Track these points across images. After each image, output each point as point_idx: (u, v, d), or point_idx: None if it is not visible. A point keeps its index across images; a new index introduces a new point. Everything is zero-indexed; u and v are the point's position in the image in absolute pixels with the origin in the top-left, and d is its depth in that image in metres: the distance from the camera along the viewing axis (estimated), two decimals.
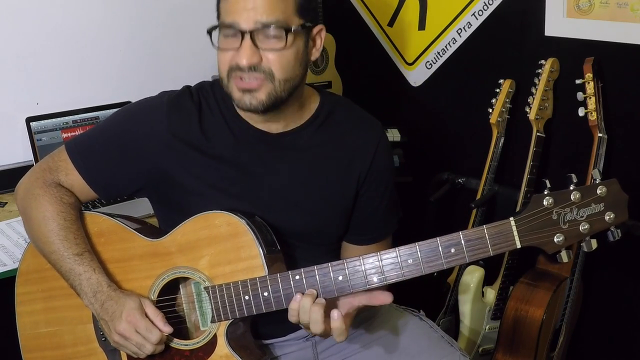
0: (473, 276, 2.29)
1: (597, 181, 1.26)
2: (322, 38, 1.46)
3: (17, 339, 1.57)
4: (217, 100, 1.49)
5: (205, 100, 1.49)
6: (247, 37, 1.33)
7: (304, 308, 1.32)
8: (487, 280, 2.32)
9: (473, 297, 2.29)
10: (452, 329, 2.43)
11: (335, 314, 1.31)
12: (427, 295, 2.42)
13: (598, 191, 1.25)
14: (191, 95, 1.50)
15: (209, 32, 1.39)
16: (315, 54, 1.46)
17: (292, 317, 1.35)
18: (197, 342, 1.43)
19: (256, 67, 1.35)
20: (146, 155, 1.47)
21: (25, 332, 1.55)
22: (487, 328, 2.32)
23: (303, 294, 1.33)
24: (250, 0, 1.32)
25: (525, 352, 2.13)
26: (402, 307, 1.67)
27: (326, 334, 1.35)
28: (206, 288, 1.41)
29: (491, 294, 2.31)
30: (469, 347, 2.33)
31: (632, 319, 2.20)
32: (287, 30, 1.34)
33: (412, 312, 1.66)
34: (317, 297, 1.33)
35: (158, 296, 1.45)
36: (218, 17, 1.40)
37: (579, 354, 2.33)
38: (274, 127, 1.47)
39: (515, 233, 1.26)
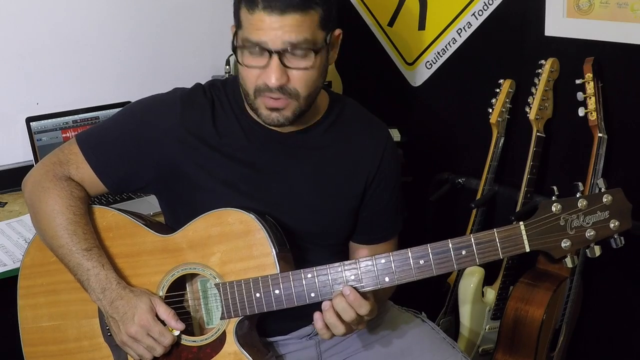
0: (473, 276, 2.29)
1: (603, 190, 1.29)
2: (339, 40, 1.44)
3: (17, 339, 1.55)
4: (229, 98, 1.50)
5: (218, 98, 1.50)
6: (275, 57, 1.30)
7: (342, 309, 1.31)
8: (487, 280, 2.32)
9: (473, 297, 2.29)
10: (452, 329, 2.43)
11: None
12: (427, 295, 2.42)
13: (604, 199, 1.28)
14: (204, 92, 1.50)
15: (234, 50, 1.37)
16: (333, 58, 1.44)
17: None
18: (206, 339, 1.42)
19: (283, 87, 1.33)
20: (159, 149, 1.46)
21: (27, 326, 1.54)
22: (487, 328, 2.32)
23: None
24: (277, 19, 1.28)
25: (525, 352, 2.13)
26: (404, 308, 1.68)
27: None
28: (217, 285, 1.40)
29: (491, 294, 2.31)
30: (469, 348, 2.33)
31: (632, 319, 2.20)
32: (316, 51, 1.33)
33: (414, 314, 1.66)
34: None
35: (166, 292, 1.44)
36: (238, 26, 1.36)
37: (579, 354, 2.33)
38: (286, 127, 1.47)
39: (525, 237, 1.28)
